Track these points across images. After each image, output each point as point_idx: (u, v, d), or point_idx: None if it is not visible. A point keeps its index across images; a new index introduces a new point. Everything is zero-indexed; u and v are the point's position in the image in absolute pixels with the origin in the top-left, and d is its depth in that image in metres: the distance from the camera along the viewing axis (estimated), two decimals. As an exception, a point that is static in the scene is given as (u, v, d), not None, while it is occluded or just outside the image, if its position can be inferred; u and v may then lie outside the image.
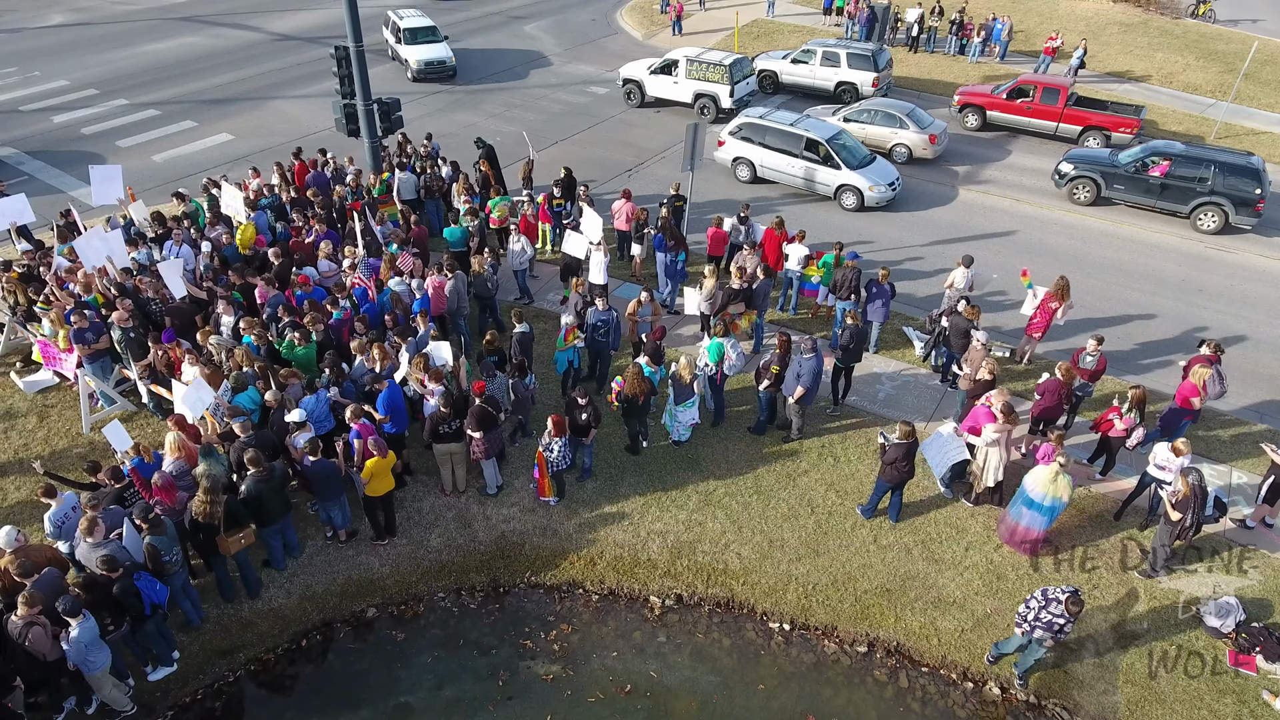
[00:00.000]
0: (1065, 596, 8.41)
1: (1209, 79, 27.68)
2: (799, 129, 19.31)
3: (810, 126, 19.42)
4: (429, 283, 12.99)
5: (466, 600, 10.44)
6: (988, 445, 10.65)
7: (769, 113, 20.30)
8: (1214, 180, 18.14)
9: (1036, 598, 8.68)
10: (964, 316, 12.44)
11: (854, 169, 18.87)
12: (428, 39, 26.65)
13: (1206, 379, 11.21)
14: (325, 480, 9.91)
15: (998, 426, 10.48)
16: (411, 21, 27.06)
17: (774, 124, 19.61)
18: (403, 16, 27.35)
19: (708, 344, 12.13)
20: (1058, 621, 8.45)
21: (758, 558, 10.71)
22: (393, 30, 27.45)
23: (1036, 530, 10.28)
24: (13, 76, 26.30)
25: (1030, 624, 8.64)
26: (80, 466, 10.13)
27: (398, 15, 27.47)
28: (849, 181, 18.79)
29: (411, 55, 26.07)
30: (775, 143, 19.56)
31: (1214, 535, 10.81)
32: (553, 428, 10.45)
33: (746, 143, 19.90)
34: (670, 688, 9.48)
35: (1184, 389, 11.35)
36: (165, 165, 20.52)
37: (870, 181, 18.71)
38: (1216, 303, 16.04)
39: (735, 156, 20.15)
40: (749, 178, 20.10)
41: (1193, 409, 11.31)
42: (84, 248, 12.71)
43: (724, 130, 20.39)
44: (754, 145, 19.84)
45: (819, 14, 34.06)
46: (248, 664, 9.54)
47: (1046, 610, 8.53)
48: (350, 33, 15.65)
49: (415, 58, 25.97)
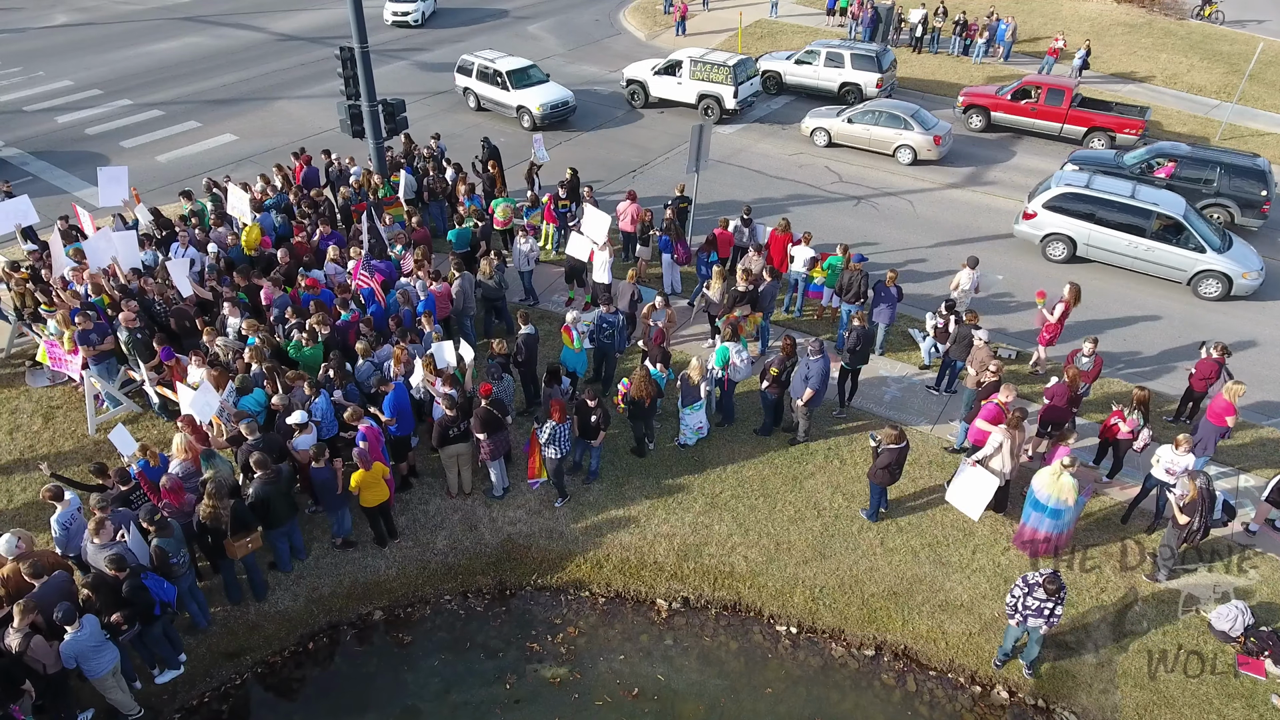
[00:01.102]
0: (1044, 578, 8.49)
1: (1213, 80, 27.64)
2: (1143, 201, 16.28)
3: (1158, 200, 16.36)
4: (431, 288, 12.97)
5: (473, 603, 10.43)
6: (990, 453, 10.60)
7: (1092, 179, 17.21)
8: (1219, 182, 18.11)
9: (1020, 585, 8.76)
10: (967, 325, 12.41)
11: (1219, 252, 15.94)
12: (536, 80, 23.82)
13: (1240, 395, 10.98)
14: (329, 486, 9.90)
15: (1001, 433, 10.44)
16: (507, 64, 23.77)
17: (1107, 194, 16.57)
18: (491, 59, 24.02)
19: (715, 348, 12.10)
20: (1047, 606, 8.55)
21: (764, 560, 10.69)
22: (481, 75, 24.06)
23: (1043, 532, 10.25)
24: (17, 76, 26.33)
25: (1021, 613, 8.71)
26: (86, 468, 10.12)
27: (483, 59, 24.14)
28: (1214, 267, 15.86)
29: (530, 100, 22.99)
30: (1108, 217, 16.58)
31: (1217, 537, 10.77)
32: (553, 412, 10.44)
33: (1067, 216, 16.89)
34: (677, 691, 9.47)
35: (1218, 407, 10.97)
36: (169, 166, 20.52)
37: (1243, 267, 15.80)
38: (1222, 304, 15.99)
39: (1049, 233, 17.09)
40: (1064, 256, 17.14)
41: (1226, 426, 11.09)
42: (92, 248, 12.72)
43: (1033, 201, 17.31)
44: (1077, 220, 16.81)
45: (823, 14, 34.03)
46: (254, 667, 9.53)
47: (1031, 596, 8.61)
48: (355, 33, 15.63)
49: (537, 102, 22.89)
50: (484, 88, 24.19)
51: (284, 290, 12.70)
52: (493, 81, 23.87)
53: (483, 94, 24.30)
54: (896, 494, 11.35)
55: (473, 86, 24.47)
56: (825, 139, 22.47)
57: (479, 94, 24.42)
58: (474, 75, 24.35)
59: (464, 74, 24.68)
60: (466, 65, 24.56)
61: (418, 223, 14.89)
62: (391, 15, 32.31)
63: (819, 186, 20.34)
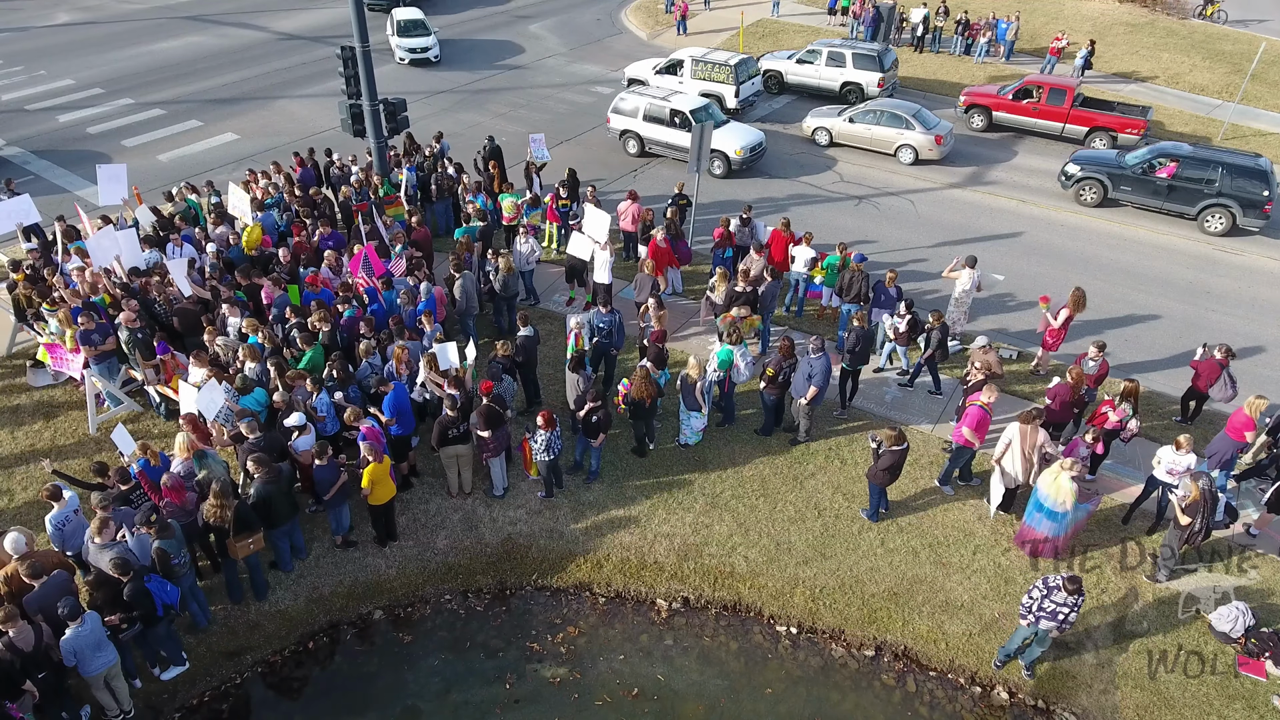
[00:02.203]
0: (1064, 579, 8.50)
1: (1216, 79, 27.59)
2: None
3: None
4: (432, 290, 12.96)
5: (473, 602, 10.43)
6: (1001, 451, 10.59)
7: None
8: (1221, 182, 18.08)
9: (1038, 587, 8.73)
10: (938, 325, 12.37)
11: None
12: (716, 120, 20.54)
13: (1262, 409, 10.86)
14: (330, 485, 9.89)
15: (1014, 430, 10.41)
16: (687, 103, 20.57)
17: None
18: (663, 96, 20.78)
19: (717, 350, 12.10)
20: (1062, 610, 8.53)
21: (765, 560, 10.68)
22: (652, 117, 20.57)
23: (1043, 534, 10.24)
24: (19, 75, 26.34)
25: (1035, 614, 8.69)
26: (87, 467, 10.13)
27: (652, 98, 20.73)
28: None
29: (728, 145, 20.15)
30: None
31: (1217, 538, 10.75)
32: (542, 421, 10.46)
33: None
34: (677, 691, 9.47)
35: (1238, 421, 10.88)
36: (170, 165, 20.53)
37: None
38: (1224, 305, 15.98)
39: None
40: None
41: (1246, 442, 11.00)
42: (94, 247, 12.73)
43: None
44: None
45: (824, 14, 34.00)
46: (255, 666, 9.53)
47: (1049, 599, 8.59)
48: (356, 33, 15.64)
49: (736, 145, 20.17)
50: (654, 129, 20.62)
51: (285, 289, 12.69)
52: (669, 123, 20.36)
53: (650, 136, 20.73)
54: (897, 494, 11.35)
55: (637, 129, 20.77)
56: (827, 138, 22.45)
57: (644, 136, 20.83)
58: (640, 117, 20.68)
59: (624, 115, 20.93)
60: (626, 107, 20.79)
61: (418, 222, 14.89)
62: (407, 52, 27.62)
63: (820, 186, 20.33)
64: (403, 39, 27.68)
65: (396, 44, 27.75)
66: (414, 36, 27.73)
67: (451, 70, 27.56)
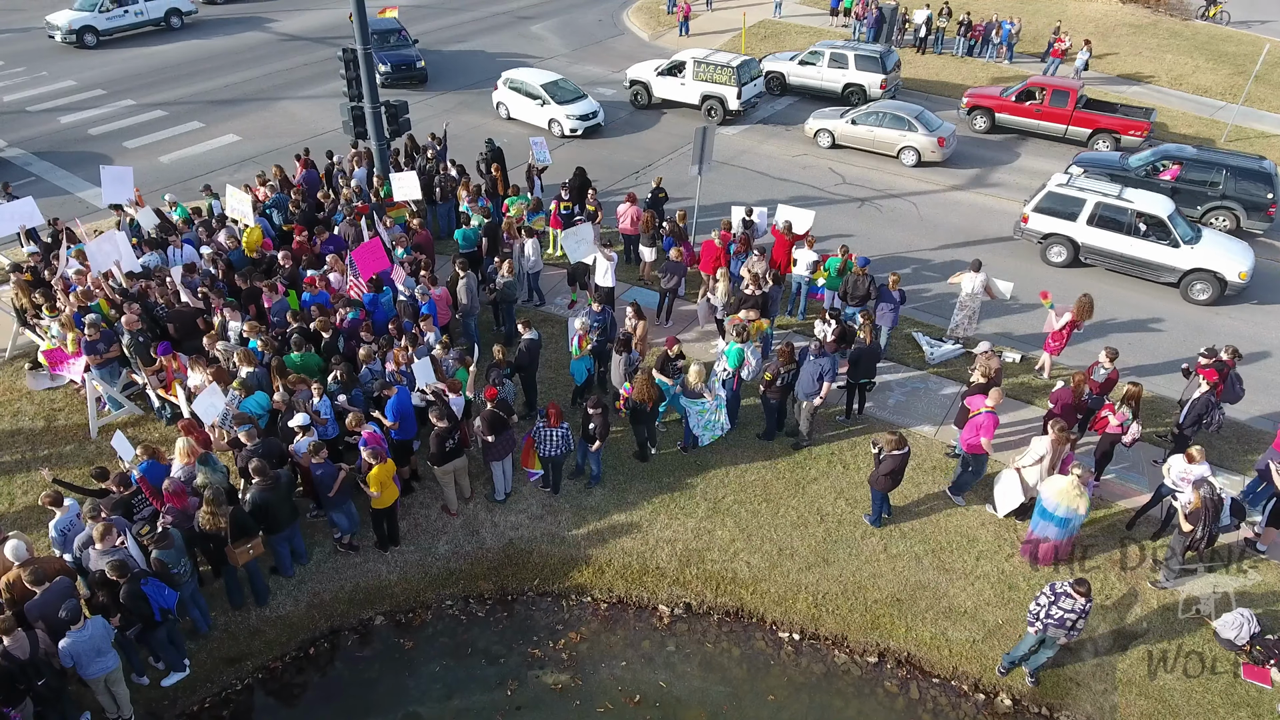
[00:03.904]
0: (1072, 585, 8.46)
1: (1219, 81, 27.52)
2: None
3: None
4: (432, 292, 12.91)
5: (475, 608, 10.40)
6: (1030, 462, 10.54)
7: None
8: (1225, 184, 18.03)
9: (1046, 593, 8.68)
10: (856, 331, 12.22)
11: None
12: None
13: None
14: (331, 481, 9.84)
15: (1047, 444, 10.35)
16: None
17: None
18: None
19: (725, 349, 12.03)
20: (1070, 617, 8.48)
21: (767, 566, 10.65)
22: None
23: (1050, 540, 10.20)
24: (20, 77, 26.33)
25: (1043, 621, 8.64)
26: (87, 472, 10.10)
27: None
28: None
29: None
30: None
31: (1222, 543, 10.70)
32: (550, 417, 10.45)
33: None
34: (679, 698, 9.43)
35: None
36: (172, 166, 20.51)
37: None
38: (1228, 307, 15.91)
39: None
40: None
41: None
42: (95, 251, 12.70)
43: None
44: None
45: (826, 15, 33.96)
46: (255, 672, 9.50)
47: (1057, 605, 8.54)
48: (358, 34, 15.61)
49: None
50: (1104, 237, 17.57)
51: (285, 293, 12.65)
52: None
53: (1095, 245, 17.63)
54: (900, 500, 11.31)
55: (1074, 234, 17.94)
56: (829, 140, 22.40)
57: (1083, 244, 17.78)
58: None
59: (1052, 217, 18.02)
60: None
61: (419, 225, 14.85)
62: (578, 121, 22.63)
63: (822, 188, 20.28)
64: (565, 107, 22.51)
65: (553, 115, 22.61)
66: (574, 103, 22.74)
67: (452, 70, 27.52)
